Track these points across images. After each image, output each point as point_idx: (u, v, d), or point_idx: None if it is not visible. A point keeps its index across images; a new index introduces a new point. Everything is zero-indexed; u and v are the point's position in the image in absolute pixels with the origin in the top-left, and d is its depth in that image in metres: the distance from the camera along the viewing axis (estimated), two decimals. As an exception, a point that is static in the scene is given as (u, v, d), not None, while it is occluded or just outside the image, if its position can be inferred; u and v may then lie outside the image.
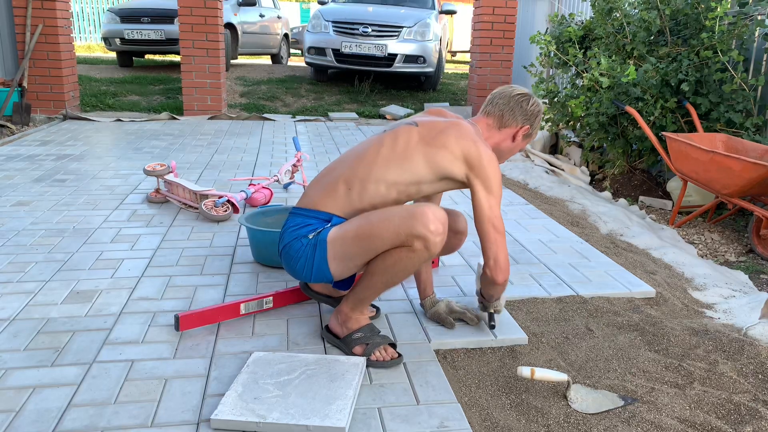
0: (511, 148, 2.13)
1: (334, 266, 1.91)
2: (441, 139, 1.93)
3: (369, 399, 1.75)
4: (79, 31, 16.23)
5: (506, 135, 2.10)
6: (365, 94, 8.75)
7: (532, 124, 2.11)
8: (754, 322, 2.32)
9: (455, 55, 18.72)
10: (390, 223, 1.81)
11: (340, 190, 1.93)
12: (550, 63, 5.35)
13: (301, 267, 1.95)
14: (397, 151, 1.93)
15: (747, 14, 3.92)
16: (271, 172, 4.49)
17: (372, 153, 1.95)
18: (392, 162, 1.92)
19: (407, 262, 1.84)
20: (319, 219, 1.94)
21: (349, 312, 2.00)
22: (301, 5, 20.55)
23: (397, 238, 1.81)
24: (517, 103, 2.08)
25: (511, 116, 2.07)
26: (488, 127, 2.10)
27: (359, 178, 1.92)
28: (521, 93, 2.10)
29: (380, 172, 1.92)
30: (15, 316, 2.17)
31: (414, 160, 1.92)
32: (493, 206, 1.92)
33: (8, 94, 6.05)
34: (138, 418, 1.63)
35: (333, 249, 1.89)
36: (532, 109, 2.09)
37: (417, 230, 1.79)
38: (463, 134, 1.94)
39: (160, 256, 2.78)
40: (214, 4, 6.76)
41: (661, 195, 4.43)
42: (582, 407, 1.79)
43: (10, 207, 3.41)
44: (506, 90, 2.12)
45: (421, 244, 1.80)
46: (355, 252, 1.87)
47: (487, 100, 2.13)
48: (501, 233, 1.93)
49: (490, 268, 1.95)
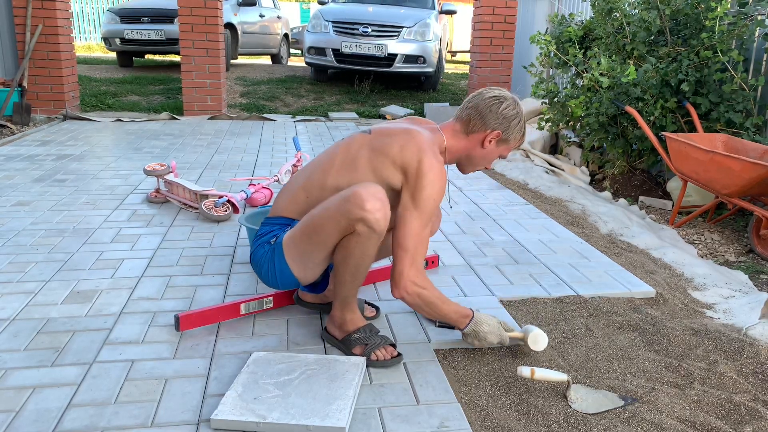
0: (483, 155, 2.00)
1: (295, 268, 1.92)
2: (385, 148, 1.88)
3: (369, 399, 1.75)
4: (79, 31, 16.23)
5: (474, 141, 1.98)
6: (365, 94, 8.75)
7: (506, 129, 1.96)
8: (754, 322, 2.32)
9: (455, 55, 18.72)
10: (329, 212, 1.81)
11: (300, 197, 1.95)
12: (550, 63, 5.35)
13: (266, 273, 1.97)
14: (348, 159, 1.92)
15: (747, 14, 3.92)
16: (271, 172, 4.49)
17: (328, 161, 1.95)
18: (343, 171, 1.91)
19: (360, 248, 1.81)
20: (280, 225, 1.97)
21: (340, 314, 2.00)
22: (301, 5, 20.55)
23: (338, 226, 1.79)
24: (487, 106, 1.94)
25: (479, 121, 1.95)
26: (454, 133, 1.99)
27: (316, 186, 1.93)
28: (495, 96, 1.96)
29: (333, 180, 1.91)
30: (15, 316, 2.17)
31: (360, 168, 1.89)
32: (409, 220, 1.81)
33: (8, 94, 6.05)
34: (138, 418, 1.63)
35: (289, 251, 1.90)
36: (505, 113, 1.95)
37: (353, 213, 1.76)
38: (409, 142, 1.86)
39: (160, 256, 2.78)
40: (214, 4, 6.76)
41: (661, 195, 4.43)
42: (582, 407, 1.79)
43: (10, 207, 3.41)
44: (480, 93, 1.98)
45: (363, 225, 1.77)
46: (307, 249, 1.87)
47: (464, 102, 2.03)
48: (404, 249, 1.81)
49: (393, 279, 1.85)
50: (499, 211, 3.70)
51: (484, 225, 3.41)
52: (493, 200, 3.93)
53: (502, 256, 2.92)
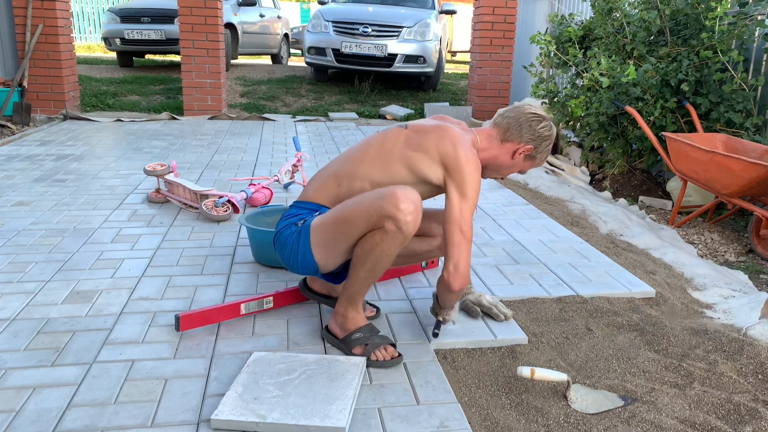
0: (509, 165, 2.08)
1: (318, 253, 1.94)
2: (422, 143, 1.94)
3: (369, 399, 1.75)
4: (79, 31, 16.23)
5: (506, 150, 2.06)
6: (365, 94, 8.75)
7: (538, 147, 2.05)
8: (754, 322, 2.32)
9: (455, 55, 18.72)
10: (362, 206, 1.85)
11: (330, 184, 1.99)
12: (550, 63, 5.35)
13: (288, 254, 1.99)
14: (383, 152, 1.97)
15: (747, 14, 3.92)
16: (272, 172, 4.49)
17: (361, 152, 2.00)
18: (377, 163, 1.96)
19: (383, 245, 1.84)
20: (309, 209, 2.00)
21: (344, 312, 2.00)
22: (301, 5, 20.55)
23: (369, 220, 1.83)
24: (527, 120, 2.03)
25: (516, 132, 2.03)
26: (489, 138, 2.07)
27: (347, 175, 1.97)
28: (535, 113, 2.05)
29: (366, 172, 1.96)
30: (15, 316, 2.17)
31: (394, 162, 1.95)
32: (464, 210, 1.88)
33: (8, 94, 6.05)
34: (138, 418, 1.63)
35: (315, 236, 1.93)
36: (541, 132, 2.03)
37: (387, 210, 1.80)
38: (445, 137, 1.93)
39: (161, 256, 2.78)
40: (214, 4, 6.76)
41: (661, 195, 4.43)
42: (582, 407, 1.79)
43: (11, 207, 3.41)
44: (522, 105, 2.08)
45: (392, 224, 1.81)
46: (333, 237, 1.90)
47: (500, 111, 2.11)
48: (467, 239, 1.88)
49: (449, 272, 1.89)
50: (499, 211, 3.70)
51: (484, 225, 3.41)
52: (493, 200, 3.93)
53: (502, 256, 2.92)
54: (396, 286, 2.54)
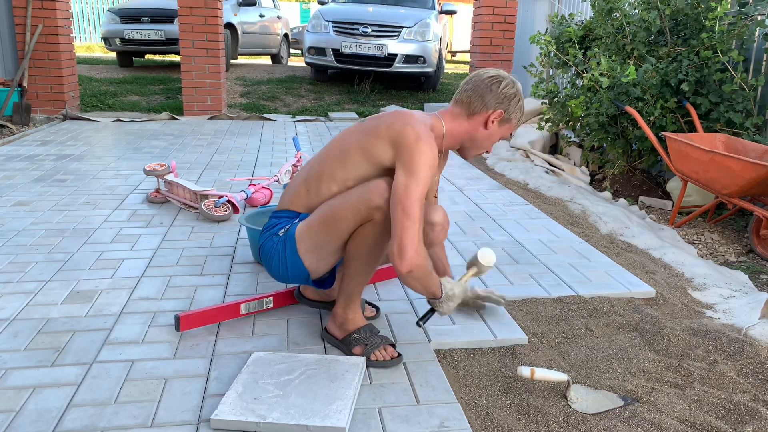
0: (486, 136, 1.97)
1: (308, 259, 1.93)
2: (375, 128, 1.87)
3: (369, 399, 1.75)
4: (79, 31, 16.23)
5: (477, 123, 1.95)
6: (365, 94, 8.75)
7: (507, 108, 1.93)
8: (754, 322, 2.32)
9: (455, 55, 18.72)
10: (349, 202, 1.84)
11: (301, 190, 1.97)
12: (550, 63, 5.35)
13: (276, 265, 1.98)
14: (343, 147, 1.92)
15: (747, 14, 3.92)
16: (271, 172, 4.49)
17: (325, 151, 1.98)
18: (338, 158, 1.92)
19: (374, 237, 1.84)
20: (287, 218, 1.99)
21: (342, 312, 2.00)
22: (301, 5, 20.55)
23: (358, 215, 1.82)
24: (487, 86, 1.91)
25: (479, 101, 1.92)
26: (453, 117, 1.96)
27: (315, 178, 1.95)
28: (492, 76, 1.93)
29: (329, 170, 1.93)
30: (15, 316, 2.17)
31: (352, 153, 1.89)
32: (409, 188, 1.75)
33: (8, 94, 6.05)
34: (138, 418, 1.63)
35: (302, 242, 1.91)
36: (505, 92, 1.92)
37: (374, 201, 1.79)
38: (397, 118, 1.85)
39: (160, 256, 2.78)
40: (214, 4, 6.76)
41: (661, 195, 4.43)
42: (582, 407, 1.79)
43: (10, 207, 3.41)
44: (476, 74, 1.96)
45: (381, 214, 1.80)
46: (323, 239, 1.89)
47: (458, 87, 2.01)
48: (412, 219, 1.74)
49: (393, 253, 1.76)
50: (499, 211, 3.70)
51: (484, 225, 3.41)
52: (493, 200, 3.93)
53: (502, 256, 2.92)
54: (396, 286, 2.54)
